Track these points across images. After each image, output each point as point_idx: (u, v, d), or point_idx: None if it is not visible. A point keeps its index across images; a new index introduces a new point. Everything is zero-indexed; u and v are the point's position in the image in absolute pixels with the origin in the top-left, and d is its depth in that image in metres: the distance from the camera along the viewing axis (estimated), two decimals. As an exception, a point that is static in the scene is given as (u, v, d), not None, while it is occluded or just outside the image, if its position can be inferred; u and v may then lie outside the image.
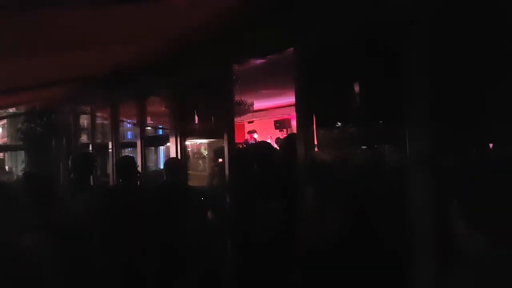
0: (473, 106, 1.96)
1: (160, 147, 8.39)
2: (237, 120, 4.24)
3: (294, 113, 2.95)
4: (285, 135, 7.31)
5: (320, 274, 2.67)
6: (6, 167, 10.96)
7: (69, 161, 4.06)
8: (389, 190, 2.36)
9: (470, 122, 1.98)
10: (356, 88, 2.71)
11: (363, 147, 2.74)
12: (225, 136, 3.70)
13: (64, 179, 7.05)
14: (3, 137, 12.99)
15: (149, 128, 6.99)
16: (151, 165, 6.93)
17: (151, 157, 7.99)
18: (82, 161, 3.99)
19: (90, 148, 6.96)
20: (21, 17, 2.41)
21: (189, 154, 5.20)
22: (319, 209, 2.79)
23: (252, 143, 8.36)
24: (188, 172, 4.67)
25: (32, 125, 7.88)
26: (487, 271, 1.76)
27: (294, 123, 3.06)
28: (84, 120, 7.71)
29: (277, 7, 2.88)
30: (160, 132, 7.82)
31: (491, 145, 2.00)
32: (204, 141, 6.05)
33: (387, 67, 2.30)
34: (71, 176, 3.94)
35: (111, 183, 5.83)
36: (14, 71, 3.91)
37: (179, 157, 4.45)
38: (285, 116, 9.27)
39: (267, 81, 5.54)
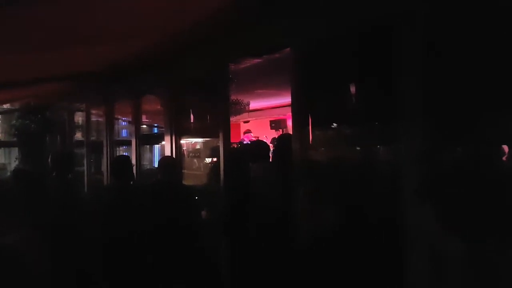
0: (466, 106, 1.97)
1: (155, 145, 8.36)
2: (232, 119, 4.23)
3: (290, 113, 2.95)
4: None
5: (315, 271, 2.68)
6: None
7: (48, 160, 4.04)
8: (384, 189, 2.37)
9: (464, 122, 1.99)
10: (352, 89, 2.71)
11: (358, 147, 2.74)
12: (221, 135, 3.69)
13: (49, 175, 7.01)
14: (-4, 133, 12.89)
15: (144, 126, 6.97)
16: (145, 163, 6.91)
17: (146, 155, 7.97)
18: (61, 160, 3.97)
19: (84, 146, 6.93)
20: (16, 13, 2.39)
21: (184, 153, 5.19)
22: (314, 208, 2.79)
23: (247, 143, 8.35)
24: (183, 171, 4.66)
25: (26, 122, 7.82)
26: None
27: (290, 123, 3.06)
28: (79, 118, 7.67)
29: (273, 6, 2.87)
30: (155, 130, 7.80)
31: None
32: (200, 140, 6.04)
33: (383, 68, 2.30)
34: (53, 174, 3.92)
35: (105, 181, 5.81)
36: (8, 67, 3.88)
37: (174, 155, 4.44)
38: (281, 116, 9.27)
39: (263, 81, 5.54)
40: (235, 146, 7.87)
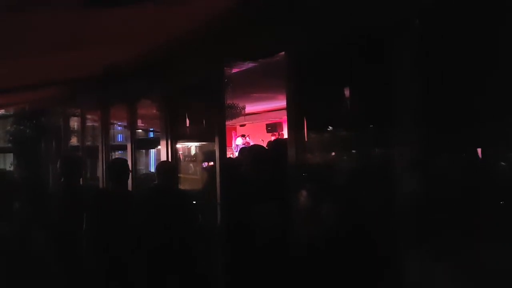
0: (463, 110, 1.98)
1: (151, 150, 8.35)
2: (228, 123, 4.23)
3: (286, 117, 2.95)
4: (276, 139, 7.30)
5: (314, 274, 2.67)
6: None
7: (58, 165, 4.01)
8: (379, 193, 2.37)
9: (460, 125, 2.00)
10: (348, 92, 2.72)
11: (354, 151, 2.75)
12: (217, 139, 3.68)
13: (53, 182, 6.99)
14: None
15: (140, 130, 6.96)
16: (141, 168, 6.89)
17: (142, 160, 7.96)
18: (71, 165, 3.95)
19: (80, 151, 6.90)
20: (9, 18, 2.38)
21: (180, 157, 5.17)
22: (310, 212, 2.79)
23: (245, 147, 8.35)
24: (179, 175, 4.65)
25: (21, 127, 7.79)
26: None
27: (286, 126, 3.06)
28: (74, 123, 7.64)
29: (269, 10, 2.88)
30: (151, 134, 7.78)
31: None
32: (196, 144, 6.03)
33: (378, 71, 2.31)
34: (61, 180, 3.89)
35: (101, 186, 5.79)
36: (2, 72, 3.86)
37: (170, 160, 4.42)
38: (277, 120, 9.29)
39: (259, 85, 5.54)
40: (234, 151, 7.89)
